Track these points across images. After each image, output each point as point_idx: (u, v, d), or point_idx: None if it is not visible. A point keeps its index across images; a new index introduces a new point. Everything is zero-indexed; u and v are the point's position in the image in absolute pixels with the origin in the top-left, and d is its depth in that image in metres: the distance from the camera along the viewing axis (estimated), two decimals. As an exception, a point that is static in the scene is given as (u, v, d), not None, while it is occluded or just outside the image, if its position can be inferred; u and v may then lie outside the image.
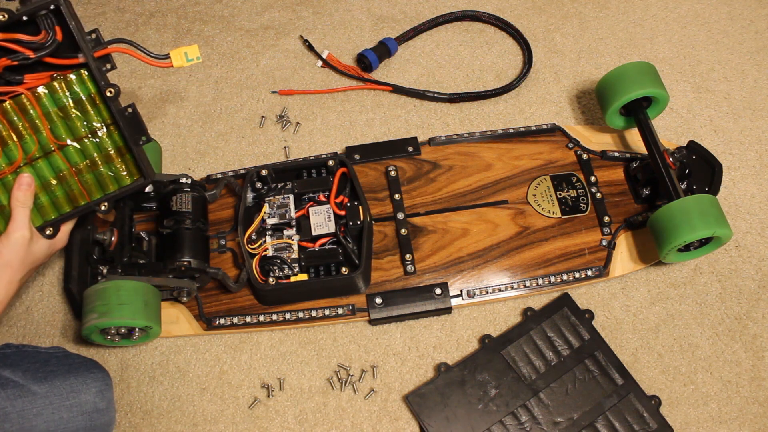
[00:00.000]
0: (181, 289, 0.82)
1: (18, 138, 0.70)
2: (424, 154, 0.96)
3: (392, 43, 1.07)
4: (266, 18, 1.14)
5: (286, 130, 1.03)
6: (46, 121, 0.70)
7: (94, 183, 0.75)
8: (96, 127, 0.72)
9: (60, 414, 0.70)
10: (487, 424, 0.80)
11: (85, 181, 0.74)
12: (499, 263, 0.89)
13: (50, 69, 0.69)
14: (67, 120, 0.71)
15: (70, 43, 0.67)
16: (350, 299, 0.87)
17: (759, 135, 1.02)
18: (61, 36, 0.66)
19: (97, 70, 0.68)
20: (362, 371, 0.85)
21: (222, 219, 0.92)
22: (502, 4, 1.15)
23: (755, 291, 0.91)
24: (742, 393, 0.84)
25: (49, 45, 0.66)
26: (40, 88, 0.69)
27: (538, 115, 1.04)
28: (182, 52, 0.71)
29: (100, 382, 0.74)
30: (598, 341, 0.85)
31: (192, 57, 0.72)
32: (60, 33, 0.66)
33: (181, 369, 0.86)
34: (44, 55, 0.66)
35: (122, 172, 0.75)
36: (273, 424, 0.83)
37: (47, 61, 0.67)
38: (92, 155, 0.73)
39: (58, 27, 0.66)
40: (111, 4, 1.16)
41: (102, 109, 0.72)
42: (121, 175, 0.75)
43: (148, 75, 1.08)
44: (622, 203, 0.93)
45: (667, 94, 0.91)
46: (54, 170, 0.73)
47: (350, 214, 0.85)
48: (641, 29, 1.13)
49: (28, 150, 0.70)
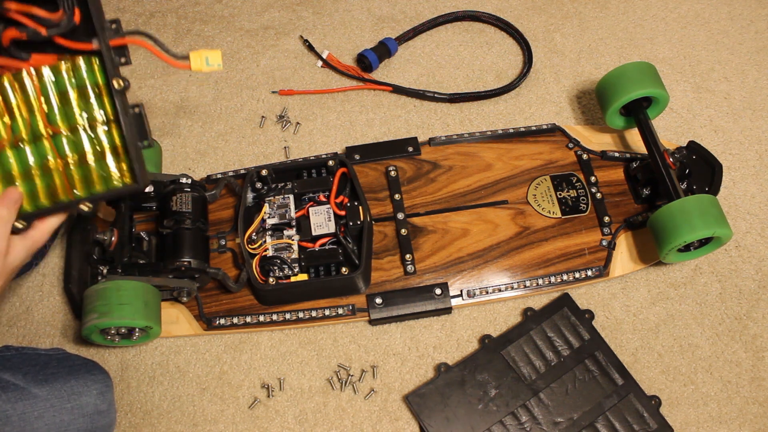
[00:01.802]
0: (181, 289, 0.82)
1: (9, 116, 0.64)
2: (424, 154, 0.96)
3: (392, 43, 1.07)
4: (266, 18, 1.14)
5: (286, 130, 1.03)
6: (43, 103, 0.65)
7: (81, 180, 0.68)
8: (96, 121, 0.67)
9: (61, 416, 0.70)
10: (487, 424, 0.80)
11: (71, 175, 0.67)
12: (499, 263, 0.89)
13: (60, 51, 0.64)
14: (66, 106, 0.66)
15: (87, 27, 0.63)
16: (350, 299, 0.87)
17: (759, 135, 1.02)
18: (79, 18, 0.62)
19: (109, 58, 0.64)
20: (362, 371, 0.85)
21: (222, 219, 0.92)
22: (502, 4, 1.15)
23: (755, 291, 0.91)
24: (742, 393, 0.84)
25: (65, 25, 0.61)
26: (45, 69, 0.64)
27: (538, 115, 1.04)
28: (203, 56, 0.67)
29: (100, 384, 0.74)
30: (598, 341, 0.85)
31: (213, 63, 0.67)
32: (78, 15, 0.62)
33: (181, 369, 0.86)
34: (57, 34, 0.62)
35: (114, 173, 0.69)
36: (273, 424, 0.83)
37: (59, 42, 0.63)
38: (84, 150, 0.67)
39: (77, 8, 0.61)
40: (111, 4, 1.16)
41: (106, 102, 0.67)
42: (112, 176, 0.69)
43: (148, 75, 1.08)
44: (622, 203, 0.93)
45: (667, 94, 0.91)
46: (39, 157, 0.66)
47: (350, 214, 0.85)
48: (641, 29, 1.13)
49: (16, 130, 0.65)
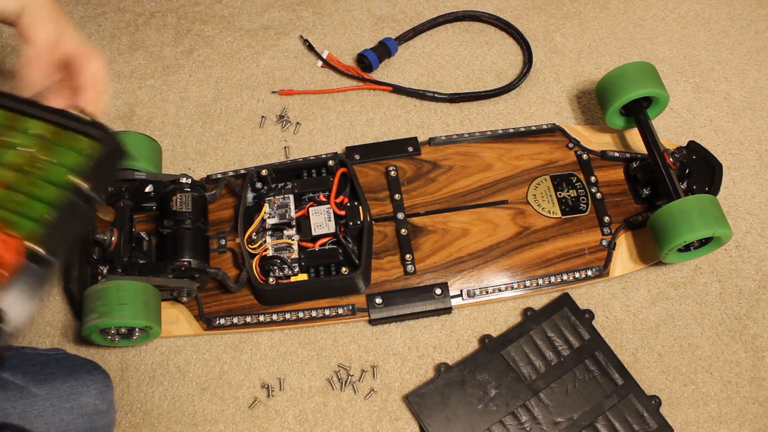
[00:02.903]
0: (181, 289, 0.82)
1: None
2: (424, 154, 0.96)
3: (392, 43, 1.07)
4: (266, 18, 1.14)
5: (286, 130, 1.03)
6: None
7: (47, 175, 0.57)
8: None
9: (60, 416, 0.70)
10: (487, 424, 0.80)
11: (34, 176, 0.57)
12: (499, 263, 0.89)
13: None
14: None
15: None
16: (350, 299, 0.87)
17: (759, 135, 1.02)
18: None
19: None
20: (362, 371, 0.85)
21: (222, 219, 0.92)
22: (502, 4, 1.15)
23: (755, 291, 0.91)
24: (742, 393, 0.84)
25: None
26: None
27: (538, 115, 1.04)
28: None
29: (100, 384, 0.74)
30: (598, 341, 0.85)
31: None
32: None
33: (181, 369, 0.86)
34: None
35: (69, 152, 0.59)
36: (273, 424, 0.83)
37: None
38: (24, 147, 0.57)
39: None
40: (111, 4, 1.16)
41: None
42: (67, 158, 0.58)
43: (148, 75, 1.08)
44: (622, 203, 0.93)
45: (667, 94, 0.91)
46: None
47: (350, 214, 0.85)
48: (641, 29, 1.13)
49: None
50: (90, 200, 0.57)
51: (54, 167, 0.58)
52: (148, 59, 1.10)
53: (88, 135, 0.60)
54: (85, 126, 0.60)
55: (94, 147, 0.59)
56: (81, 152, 0.59)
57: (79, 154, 0.59)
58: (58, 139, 0.59)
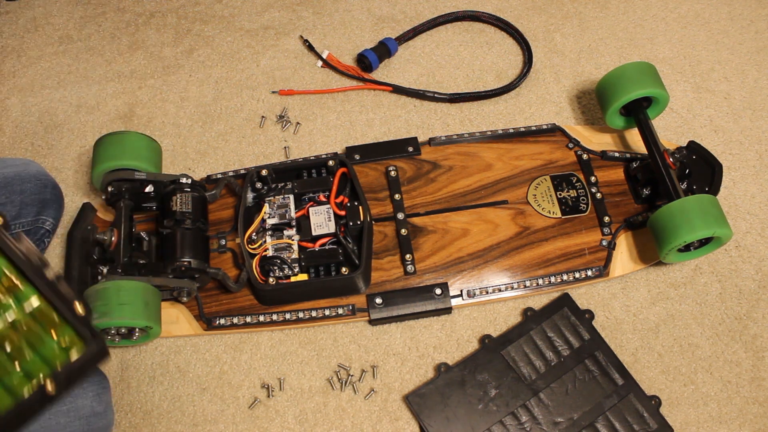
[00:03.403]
0: (181, 289, 0.82)
1: None
2: (424, 154, 0.96)
3: (392, 43, 1.07)
4: (266, 18, 1.14)
5: (286, 130, 1.03)
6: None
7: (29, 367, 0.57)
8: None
9: (57, 419, 0.70)
10: (487, 424, 0.80)
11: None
12: (499, 263, 0.89)
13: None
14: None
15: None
16: (350, 299, 0.87)
17: (759, 135, 1.02)
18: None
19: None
20: (362, 371, 0.85)
21: (222, 219, 0.92)
22: (502, 4, 1.15)
23: (755, 291, 0.91)
24: (742, 393, 0.84)
25: None
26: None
27: (538, 115, 1.04)
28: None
29: (97, 386, 0.74)
30: (598, 341, 0.85)
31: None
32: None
33: (181, 369, 0.86)
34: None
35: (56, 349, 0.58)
36: (273, 424, 0.83)
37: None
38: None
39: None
40: (111, 4, 1.16)
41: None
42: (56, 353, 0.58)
43: (148, 75, 1.08)
44: (622, 203, 0.93)
45: (667, 94, 0.91)
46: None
47: (350, 214, 0.85)
48: (641, 29, 1.13)
49: None
50: (47, 402, 0.57)
51: (32, 356, 0.57)
52: (148, 59, 1.10)
53: (77, 332, 0.59)
54: (77, 322, 0.59)
55: (76, 345, 0.59)
56: (62, 345, 0.58)
57: (59, 348, 0.58)
58: (47, 319, 0.59)
